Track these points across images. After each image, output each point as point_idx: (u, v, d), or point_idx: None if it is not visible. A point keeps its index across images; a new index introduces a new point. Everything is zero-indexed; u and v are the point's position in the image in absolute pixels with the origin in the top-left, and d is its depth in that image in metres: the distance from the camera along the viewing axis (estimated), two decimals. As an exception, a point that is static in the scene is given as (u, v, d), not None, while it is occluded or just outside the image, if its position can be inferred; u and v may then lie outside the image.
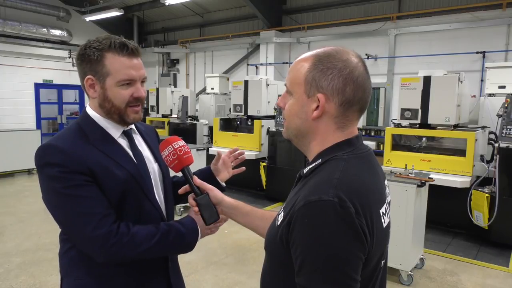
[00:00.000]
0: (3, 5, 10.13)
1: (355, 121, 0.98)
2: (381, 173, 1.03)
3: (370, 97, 0.99)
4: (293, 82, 0.98)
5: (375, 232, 0.85)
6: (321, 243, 0.80)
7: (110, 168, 1.21)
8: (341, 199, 0.80)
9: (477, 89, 7.06)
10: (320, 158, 0.95)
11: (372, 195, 0.89)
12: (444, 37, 7.56)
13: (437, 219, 5.13)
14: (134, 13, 12.33)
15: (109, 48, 1.22)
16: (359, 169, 0.91)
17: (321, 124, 0.96)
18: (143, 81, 1.31)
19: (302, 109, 0.97)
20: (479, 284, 3.83)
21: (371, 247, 0.84)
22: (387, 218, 0.93)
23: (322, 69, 0.93)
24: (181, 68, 12.51)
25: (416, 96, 5.16)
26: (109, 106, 1.26)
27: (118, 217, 1.22)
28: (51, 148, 1.19)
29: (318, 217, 0.81)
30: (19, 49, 10.91)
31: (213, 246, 4.54)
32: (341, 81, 0.91)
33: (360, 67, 0.94)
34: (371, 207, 0.85)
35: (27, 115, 11.32)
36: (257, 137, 6.86)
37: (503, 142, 4.63)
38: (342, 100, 0.93)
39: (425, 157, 5.15)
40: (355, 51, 0.97)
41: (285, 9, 9.88)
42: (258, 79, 7.10)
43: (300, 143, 1.03)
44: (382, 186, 0.98)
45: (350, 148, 0.95)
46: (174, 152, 1.24)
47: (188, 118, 8.41)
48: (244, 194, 7.12)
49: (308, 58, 0.96)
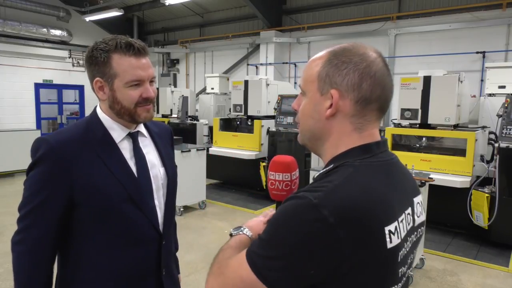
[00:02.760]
0: (3, 5, 10.13)
1: (375, 122, 0.88)
2: (406, 188, 0.91)
3: (392, 96, 0.89)
4: (306, 80, 0.91)
5: (367, 251, 0.76)
6: (278, 225, 0.79)
7: (94, 171, 1.20)
8: (320, 204, 0.73)
9: (477, 89, 7.06)
10: (332, 163, 0.86)
11: (376, 210, 0.78)
12: (444, 37, 7.56)
13: (437, 219, 5.13)
14: (134, 13, 12.33)
15: (115, 49, 1.21)
16: (368, 179, 0.81)
17: (336, 124, 0.87)
18: (152, 80, 1.28)
19: (315, 109, 0.88)
20: (479, 284, 3.83)
21: (349, 267, 0.75)
22: (397, 239, 0.80)
23: (337, 64, 0.85)
24: (181, 68, 12.51)
25: (416, 96, 5.16)
26: (118, 107, 1.25)
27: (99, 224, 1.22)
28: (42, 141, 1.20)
29: (291, 206, 0.78)
30: (19, 49, 10.90)
31: (213, 246, 4.55)
32: (357, 76, 0.83)
33: (379, 63, 0.86)
34: (367, 223, 0.76)
35: (27, 115, 11.32)
36: (257, 137, 6.86)
37: (503, 142, 4.63)
38: (358, 97, 0.84)
39: (425, 157, 5.15)
40: (374, 47, 0.89)
41: (285, 9, 9.88)
42: (258, 79, 7.10)
43: (314, 147, 0.94)
44: (401, 203, 0.86)
45: (367, 155, 0.85)
46: (289, 183, 1.06)
47: (188, 118, 8.41)
48: (244, 194, 7.11)
49: (323, 55, 0.89)
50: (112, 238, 1.24)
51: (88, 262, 1.24)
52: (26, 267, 1.20)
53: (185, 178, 5.76)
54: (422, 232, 0.95)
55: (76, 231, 1.24)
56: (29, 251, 1.20)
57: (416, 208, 0.91)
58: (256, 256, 0.79)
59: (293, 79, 9.79)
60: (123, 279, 1.27)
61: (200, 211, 6.07)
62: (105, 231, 1.22)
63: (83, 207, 1.20)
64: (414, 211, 0.90)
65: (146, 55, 1.26)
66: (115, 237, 1.24)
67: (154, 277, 1.33)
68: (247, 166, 7.01)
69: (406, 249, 0.85)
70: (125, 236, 1.25)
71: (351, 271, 0.75)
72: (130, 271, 1.28)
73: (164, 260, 1.35)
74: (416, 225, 0.90)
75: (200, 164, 6.05)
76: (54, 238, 1.22)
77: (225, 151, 7.06)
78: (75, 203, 1.20)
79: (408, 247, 0.86)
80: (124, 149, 1.29)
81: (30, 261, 1.20)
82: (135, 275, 1.29)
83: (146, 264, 1.31)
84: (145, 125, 1.40)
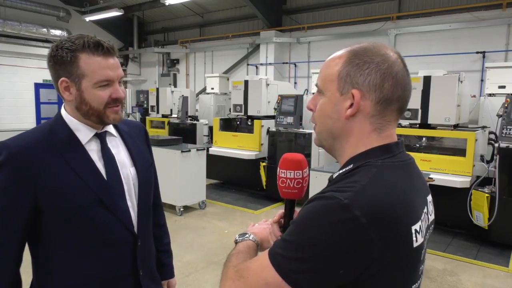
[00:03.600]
0: (3, 5, 10.14)
1: (394, 122, 0.88)
2: (422, 187, 0.92)
3: (410, 96, 0.89)
4: (325, 79, 0.89)
5: (395, 251, 0.76)
6: (306, 226, 0.77)
7: (59, 175, 1.17)
8: (352, 205, 0.73)
9: (477, 89, 7.07)
10: (352, 163, 0.86)
11: (403, 210, 0.79)
12: (444, 37, 7.56)
13: (437, 219, 4.94)
14: (134, 13, 12.35)
15: (83, 48, 1.16)
16: (392, 179, 0.81)
17: (355, 124, 0.86)
18: (120, 81, 1.25)
19: (334, 108, 0.87)
20: (479, 284, 3.83)
21: (378, 267, 0.75)
22: (421, 238, 0.82)
23: (358, 64, 0.85)
24: (181, 68, 12.51)
25: (416, 96, 5.16)
26: (86, 108, 1.21)
27: (65, 227, 1.19)
28: (2, 146, 1.16)
29: (320, 207, 0.77)
30: (19, 49, 10.91)
31: (213, 246, 4.54)
32: (379, 76, 0.83)
33: (400, 63, 0.86)
34: (396, 223, 0.76)
35: (27, 115, 11.33)
36: (257, 137, 6.86)
37: (503, 142, 4.63)
38: (379, 97, 0.84)
39: (425, 157, 5.15)
40: (396, 49, 0.89)
41: (285, 9, 9.89)
42: (258, 79, 7.10)
43: (331, 148, 0.93)
44: (421, 202, 0.88)
45: (387, 155, 0.85)
46: (300, 181, 1.03)
47: (188, 118, 8.41)
48: (244, 194, 7.11)
49: (342, 54, 0.88)
50: (82, 242, 1.20)
51: (59, 268, 1.21)
52: None
53: (185, 178, 5.76)
54: (432, 229, 0.97)
55: (45, 237, 1.20)
56: None
57: (429, 206, 0.93)
58: (282, 258, 0.78)
59: (293, 79, 9.80)
60: (97, 282, 1.24)
61: (200, 211, 6.07)
62: (75, 236, 1.19)
63: (50, 212, 1.17)
64: (428, 210, 0.92)
65: (115, 55, 1.23)
66: (85, 241, 1.21)
67: (132, 279, 1.30)
68: (247, 166, 7.01)
69: (422, 247, 0.86)
70: (96, 240, 1.22)
71: (380, 271, 0.76)
72: (104, 274, 1.24)
73: (141, 261, 1.32)
74: (429, 223, 0.92)
75: (200, 164, 6.05)
76: (16, 246, 1.17)
77: (225, 151, 7.06)
78: (40, 209, 1.16)
79: (425, 245, 0.88)
80: (92, 150, 1.25)
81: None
82: (109, 277, 1.25)
83: (120, 266, 1.28)
84: (114, 125, 1.35)
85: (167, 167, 5.43)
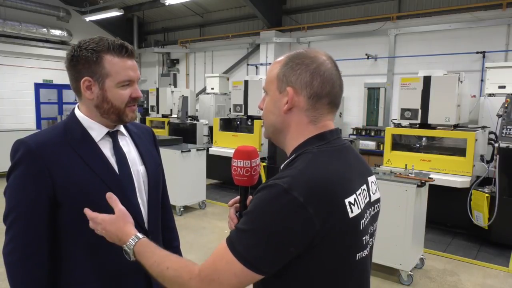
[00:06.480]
0: (3, 5, 10.13)
1: (327, 114, 1.02)
2: (360, 167, 1.05)
3: (341, 93, 1.03)
4: (268, 81, 1.05)
5: (333, 221, 0.87)
6: (257, 214, 0.88)
7: (75, 170, 1.20)
8: (291, 188, 0.85)
9: (477, 89, 7.07)
10: (294, 153, 1.00)
11: (336, 186, 0.90)
12: (444, 37, 7.56)
13: (437, 219, 5.13)
14: (134, 13, 12.34)
15: (108, 50, 1.23)
16: (325, 161, 0.94)
17: (293, 118, 1.01)
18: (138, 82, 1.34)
19: (275, 105, 1.02)
20: (479, 284, 3.83)
21: (320, 238, 0.86)
22: (357, 209, 0.93)
23: (292, 65, 0.99)
24: (181, 68, 12.51)
25: (416, 96, 5.16)
26: (108, 106, 1.26)
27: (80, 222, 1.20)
28: (20, 143, 1.21)
29: (265, 195, 0.88)
30: (19, 49, 10.90)
31: (213, 246, 4.55)
32: (308, 75, 0.97)
33: (328, 64, 0.99)
34: (330, 198, 0.88)
35: (27, 115, 11.32)
36: (257, 137, 6.86)
37: (503, 142, 4.63)
38: (310, 93, 0.98)
39: (425, 157, 5.15)
40: (327, 53, 1.03)
41: (285, 9, 9.89)
42: (258, 79, 7.11)
43: (277, 140, 1.08)
44: (358, 179, 1.00)
45: (322, 142, 0.99)
46: (249, 169, 1.13)
47: (188, 118, 8.42)
48: (244, 194, 7.10)
49: (281, 59, 1.03)
50: (96, 237, 1.21)
51: (72, 262, 1.24)
52: (20, 278, 1.18)
53: (185, 178, 5.76)
54: (379, 208, 1.10)
55: (59, 231, 1.23)
56: (21, 259, 1.17)
57: (371, 186, 1.05)
58: (243, 249, 0.87)
59: (293, 79, 9.79)
60: (110, 278, 1.27)
61: (200, 211, 6.07)
62: (89, 231, 1.20)
63: (67, 207, 1.20)
64: (369, 188, 1.04)
65: (134, 58, 1.32)
66: (98, 236, 1.22)
67: (142, 274, 1.30)
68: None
69: (366, 219, 0.98)
70: None
71: (322, 242, 0.87)
72: (116, 269, 1.27)
73: None
74: (372, 201, 1.05)
75: (200, 164, 6.05)
76: (45, 242, 1.20)
77: (225, 151, 7.06)
78: (58, 203, 1.20)
79: (367, 218, 0.99)
80: (104, 147, 1.30)
81: (24, 271, 1.17)
82: (121, 272, 1.28)
83: (133, 262, 1.29)
84: (124, 125, 1.41)
85: (167, 167, 5.37)
